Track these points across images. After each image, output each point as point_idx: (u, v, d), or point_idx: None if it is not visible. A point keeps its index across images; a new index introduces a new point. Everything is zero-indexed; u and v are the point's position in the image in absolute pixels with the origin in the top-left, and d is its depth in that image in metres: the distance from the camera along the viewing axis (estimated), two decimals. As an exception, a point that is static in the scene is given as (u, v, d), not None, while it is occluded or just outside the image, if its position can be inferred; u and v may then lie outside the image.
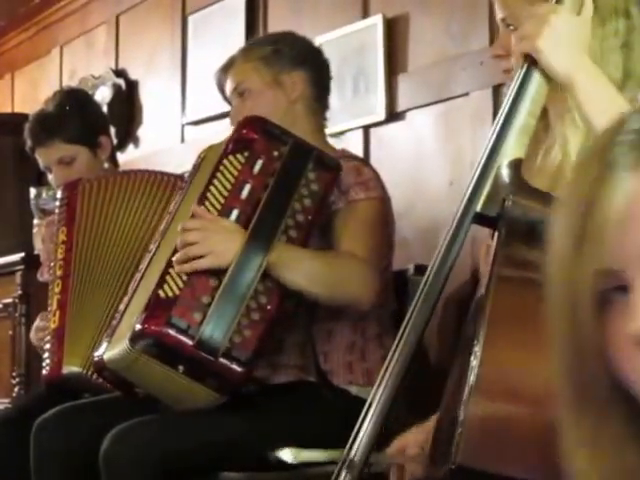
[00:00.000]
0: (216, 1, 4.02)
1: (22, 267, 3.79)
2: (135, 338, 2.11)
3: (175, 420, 2.24)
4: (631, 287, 0.75)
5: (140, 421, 2.22)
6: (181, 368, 2.09)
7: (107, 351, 2.23)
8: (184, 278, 2.14)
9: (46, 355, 2.59)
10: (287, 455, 2.19)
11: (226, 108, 2.68)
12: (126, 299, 2.32)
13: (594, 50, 1.56)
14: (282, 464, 2.21)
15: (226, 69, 2.56)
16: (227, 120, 2.60)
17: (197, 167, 2.42)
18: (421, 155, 3.12)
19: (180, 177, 2.72)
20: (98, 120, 3.11)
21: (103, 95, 4.52)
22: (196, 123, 4.14)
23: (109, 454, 2.18)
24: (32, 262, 3.49)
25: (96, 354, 2.27)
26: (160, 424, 2.24)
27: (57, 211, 2.75)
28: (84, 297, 2.60)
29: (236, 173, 2.23)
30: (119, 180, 2.73)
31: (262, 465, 2.23)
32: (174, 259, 2.17)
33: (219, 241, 2.16)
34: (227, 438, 2.20)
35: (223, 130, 2.52)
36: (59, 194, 2.78)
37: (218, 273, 2.14)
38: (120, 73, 4.60)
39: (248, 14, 3.85)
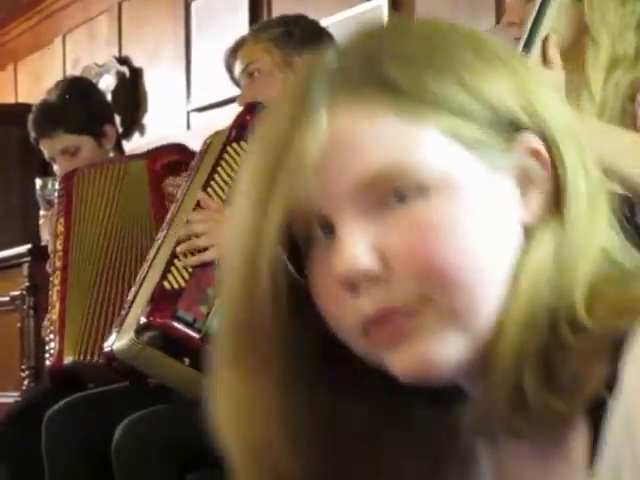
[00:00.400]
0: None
1: (29, 259, 3.77)
2: (140, 330, 2.09)
3: (186, 409, 2.22)
4: (335, 228, 0.73)
5: (151, 411, 2.22)
6: (187, 360, 2.08)
7: (116, 341, 2.22)
8: (189, 270, 2.13)
9: (48, 347, 2.59)
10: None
11: (231, 94, 2.65)
12: (134, 289, 2.31)
13: (613, 27, 1.59)
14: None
15: (235, 50, 2.55)
16: (233, 106, 2.57)
17: (203, 153, 2.40)
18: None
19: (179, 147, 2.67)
20: (102, 109, 3.08)
21: (107, 83, 4.50)
22: (201, 110, 4.12)
23: (121, 445, 2.17)
24: (39, 254, 3.47)
25: (105, 345, 2.27)
26: (171, 414, 2.23)
27: (56, 202, 2.73)
28: (81, 287, 2.59)
29: (240, 162, 2.21)
30: (113, 166, 2.70)
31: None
32: (178, 250, 2.15)
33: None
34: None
35: (229, 116, 2.49)
36: (57, 185, 2.77)
37: None
38: (124, 61, 4.58)
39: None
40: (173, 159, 2.58)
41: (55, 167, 3.02)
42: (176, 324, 2.06)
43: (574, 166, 0.75)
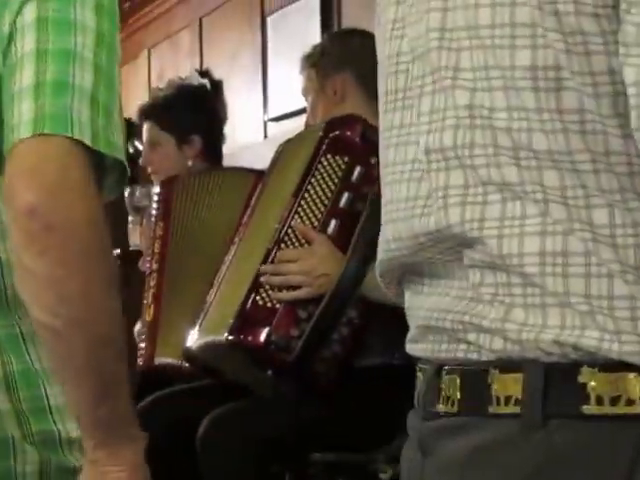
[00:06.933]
0: (293, 1, 4.13)
1: (118, 263, 3.84)
2: (234, 344, 2.13)
3: (267, 404, 2.28)
4: None
5: (234, 407, 2.29)
6: (270, 372, 2.15)
7: (197, 340, 2.31)
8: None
9: (141, 346, 2.68)
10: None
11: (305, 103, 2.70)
12: (213, 290, 2.37)
13: None
14: (368, 445, 2.25)
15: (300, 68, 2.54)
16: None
17: (275, 161, 2.44)
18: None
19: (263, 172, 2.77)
20: (198, 119, 3.11)
21: (189, 95, 4.65)
22: (278, 119, 4.23)
23: (205, 439, 2.25)
24: (128, 258, 3.54)
25: (187, 344, 2.35)
26: (253, 409, 2.30)
27: (154, 206, 2.78)
28: (177, 290, 2.65)
29: (336, 179, 2.17)
30: (211, 177, 2.78)
31: (351, 446, 2.26)
32: (267, 280, 2.15)
33: (320, 273, 2.14)
34: (316, 419, 2.21)
35: (303, 125, 2.58)
36: (156, 189, 2.81)
37: None
38: (205, 73, 4.72)
39: (323, 12, 3.94)
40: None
41: None
42: (270, 347, 2.08)
43: None
